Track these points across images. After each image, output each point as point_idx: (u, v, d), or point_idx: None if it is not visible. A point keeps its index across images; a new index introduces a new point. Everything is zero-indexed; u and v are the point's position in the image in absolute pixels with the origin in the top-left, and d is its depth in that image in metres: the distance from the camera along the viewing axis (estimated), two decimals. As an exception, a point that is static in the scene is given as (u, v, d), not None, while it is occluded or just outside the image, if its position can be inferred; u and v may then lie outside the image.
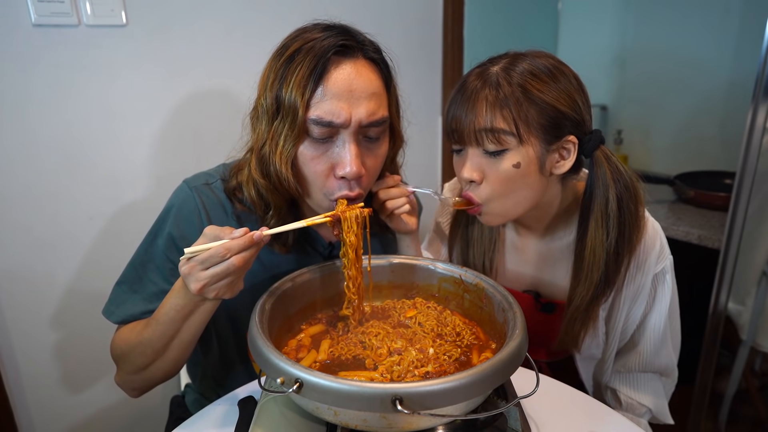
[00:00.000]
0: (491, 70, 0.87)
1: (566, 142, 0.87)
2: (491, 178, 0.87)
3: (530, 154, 0.85)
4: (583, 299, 0.94)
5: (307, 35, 0.80)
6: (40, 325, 1.32)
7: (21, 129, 1.21)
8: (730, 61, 1.98)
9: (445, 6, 1.95)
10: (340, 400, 0.58)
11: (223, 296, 0.73)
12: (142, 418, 1.53)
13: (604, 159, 0.88)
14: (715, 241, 1.54)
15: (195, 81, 1.42)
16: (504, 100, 0.83)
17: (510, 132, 0.83)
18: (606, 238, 0.89)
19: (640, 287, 0.97)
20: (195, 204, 0.89)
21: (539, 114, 0.83)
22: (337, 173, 0.81)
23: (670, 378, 1.09)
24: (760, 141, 1.31)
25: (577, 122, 0.87)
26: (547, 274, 1.05)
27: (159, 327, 0.80)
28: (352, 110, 0.78)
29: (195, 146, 1.45)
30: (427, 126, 2.03)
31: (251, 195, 0.86)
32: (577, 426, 0.82)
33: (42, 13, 1.17)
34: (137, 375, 0.88)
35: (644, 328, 1.02)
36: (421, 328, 0.83)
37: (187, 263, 0.71)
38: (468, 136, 0.86)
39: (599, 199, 0.89)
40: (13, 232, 1.24)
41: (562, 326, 0.99)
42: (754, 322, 1.63)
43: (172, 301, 0.78)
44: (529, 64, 0.85)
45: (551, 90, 0.84)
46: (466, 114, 0.85)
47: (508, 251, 1.09)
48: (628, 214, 0.89)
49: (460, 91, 0.88)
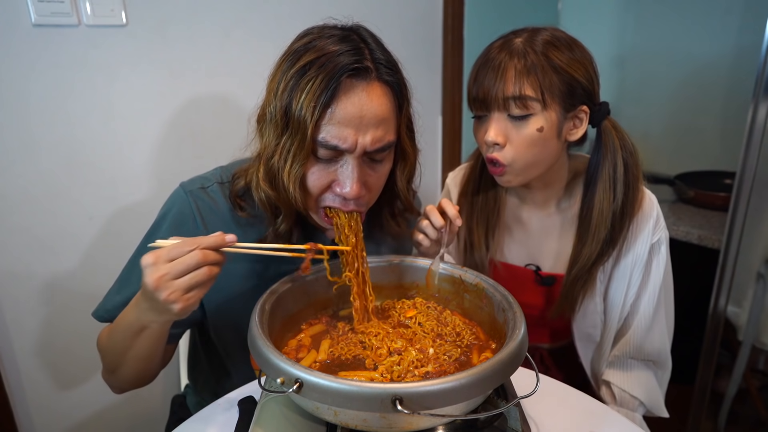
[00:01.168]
0: (515, 41, 0.92)
1: (579, 112, 0.95)
2: (515, 141, 0.93)
3: (552, 119, 0.92)
4: (588, 259, 1.00)
5: (320, 44, 0.77)
6: (41, 325, 1.32)
7: (21, 129, 1.21)
8: (730, 61, 1.98)
9: (445, 6, 1.95)
10: (340, 400, 0.58)
11: (173, 305, 0.67)
12: (142, 418, 1.53)
13: (612, 128, 0.98)
14: (715, 241, 1.54)
15: (195, 81, 1.42)
16: (532, 67, 0.89)
17: (536, 98, 0.90)
18: (613, 199, 0.97)
19: (637, 257, 1.02)
20: (190, 208, 0.89)
21: (560, 82, 0.90)
22: (335, 189, 0.82)
23: (664, 367, 1.11)
24: (760, 141, 1.31)
25: (590, 93, 0.94)
26: (547, 247, 1.10)
27: (115, 336, 0.83)
28: (359, 137, 0.77)
29: (195, 146, 1.45)
30: (427, 126, 2.03)
31: (261, 198, 0.86)
32: (576, 426, 0.82)
33: (42, 13, 1.17)
34: (113, 375, 0.90)
35: (638, 304, 1.06)
36: (421, 328, 0.84)
37: (152, 253, 0.67)
38: (495, 103, 0.92)
39: (608, 164, 0.97)
40: (13, 232, 1.24)
41: (562, 289, 1.05)
42: (753, 322, 1.63)
43: (126, 316, 0.79)
44: (550, 35, 0.93)
45: (569, 59, 0.91)
46: (495, 82, 0.91)
47: (511, 224, 1.13)
48: (632, 178, 0.97)
49: (486, 62, 0.94)
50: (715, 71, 2.02)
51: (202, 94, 1.43)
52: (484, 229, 1.10)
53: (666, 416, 1.10)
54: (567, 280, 1.04)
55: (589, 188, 1.00)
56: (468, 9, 2.00)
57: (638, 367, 1.08)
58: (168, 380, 1.54)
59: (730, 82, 1.99)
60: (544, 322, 1.14)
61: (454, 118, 2.10)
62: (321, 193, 0.83)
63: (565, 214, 1.08)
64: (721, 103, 2.03)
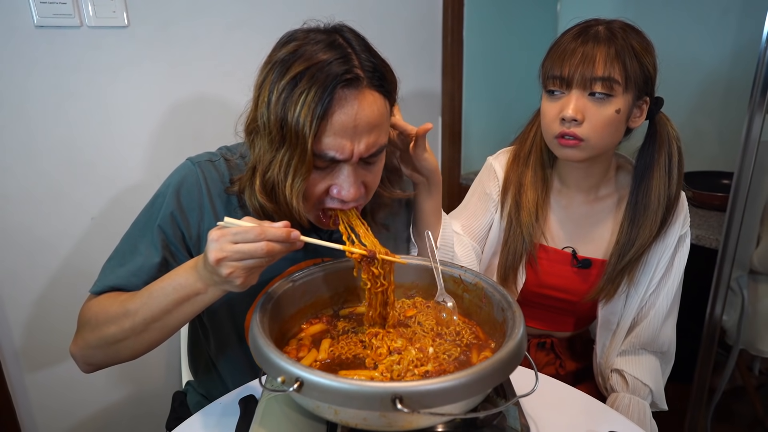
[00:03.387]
0: (598, 28, 0.99)
1: (642, 102, 1.02)
2: (593, 119, 0.98)
3: (628, 102, 0.99)
4: (646, 240, 1.06)
5: (308, 51, 0.76)
6: (42, 324, 1.33)
7: (22, 129, 1.22)
8: (728, 62, 1.98)
9: (445, 6, 1.96)
10: (340, 399, 0.59)
11: (234, 280, 0.69)
12: (144, 416, 1.54)
13: (666, 120, 1.06)
14: (713, 241, 1.55)
15: (196, 82, 1.42)
16: (621, 51, 0.95)
17: (620, 82, 0.96)
18: (669, 184, 1.04)
19: (666, 247, 1.09)
20: (197, 177, 0.89)
21: (639, 67, 0.97)
22: (333, 193, 0.82)
23: (669, 360, 1.16)
24: (757, 141, 1.32)
25: (653, 83, 1.02)
26: (586, 232, 1.15)
27: (149, 300, 0.76)
28: (354, 146, 0.78)
29: (196, 146, 1.43)
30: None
31: (255, 207, 0.86)
32: (576, 425, 0.83)
33: (44, 14, 1.17)
34: (101, 349, 0.83)
35: (658, 294, 1.11)
36: (420, 328, 0.84)
37: (219, 230, 0.68)
38: (579, 82, 0.97)
39: (664, 152, 1.04)
40: (14, 232, 1.25)
41: (608, 272, 1.10)
42: (743, 325, 1.65)
43: (175, 278, 0.75)
44: (623, 23, 1.00)
45: (643, 46, 0.98)
46: (584, 64, 0.96)
47: (554, 207, 1.17)
48: (682, 165, 1.05)
49: (570, 45, 0.99)
50: (713, 72, 2.02)
51: (203, 95, 1.44)
52: (534, 208, 1.14)
53: (665, 409, 1.13)
54: (616, 264, 1.08)
55: (643, 176, 1.05)
56: (468, 9, 2.00)
57: (649, 357, 1.14)
58: (169, 377, 1.55)
59: (728, 82, 1.99)
60: (574, 308, 1.18)
61: (454, 118, 2.10)
62: (320, 196, 0.83)
63: (605, 201, 1.14)
64: (718, 104, 2.03)
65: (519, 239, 1.14)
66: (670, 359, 1.17)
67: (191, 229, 0.89)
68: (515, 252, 1.15)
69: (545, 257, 1.16)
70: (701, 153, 2.09)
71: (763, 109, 1.29)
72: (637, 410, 1.06)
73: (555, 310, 1.20)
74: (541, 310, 1.21)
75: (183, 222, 0.88)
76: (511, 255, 1.15)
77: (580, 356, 1.26)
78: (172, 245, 0.88)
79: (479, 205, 1.21)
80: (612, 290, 1.11)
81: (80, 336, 0.85)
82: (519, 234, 1.14)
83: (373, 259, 0.79)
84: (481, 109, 2.20)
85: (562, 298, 1.16)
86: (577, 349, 1.26)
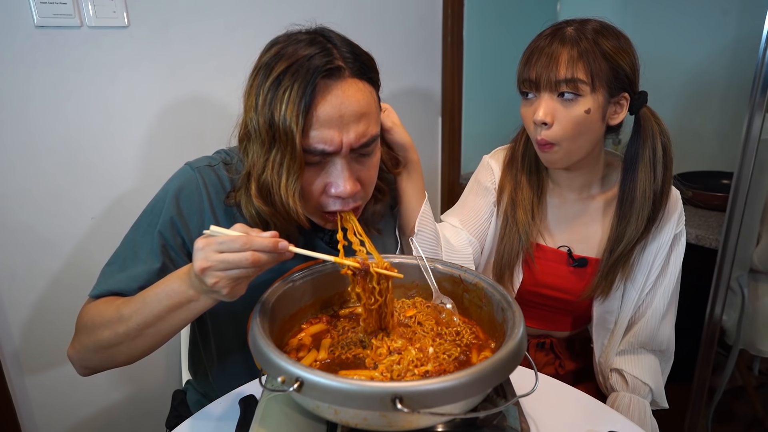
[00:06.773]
0: (567, 29, 0.99)
1: (621, 98, 1.01)
2: (563, 120, 0.98)
3: (599, 101, 0.98)
4: (633, 236, 1.06)
5: (289, 51, 0.78)
6: (43, 324, 1.33)
7: (23, 129, 1.22)
8: (728, 62, 1.98)
9: (445, 6, 1.96)
10: (340, 399, 0.59)
11: (220, 290, 0.68)
12: (144, 416, 1.54)
13: (651, 115, 1.04)
14: (712, 241, 1.55)
15: (196, 82, 1.42)
16: (585, 53, 0.95)
17: (586, 82, 0.96)
18: (654, 179, 1.03)
19: (661, 245, 1.09)
20: (197, 183, 0.89)
21: (608, 68, 0.97)
22: (330, 192, 0.82)
23: (668, 359, 1.17)
24: (757, 140, 1.32)
25: (632, 81, 1.01)
26: (580, 231, 1.15)
27: (143, 306, 0.76)
28: (343, 136, 0.78)
29: (196, 147, 1.45)
30: (427, 126, 2.03)
31: (251, 214, 0.85)
32: (576, 425, 0.83)
33: (44, 14, 1.17)
34: (96, 353, 0.83)
35: (655, 293, 1.12)
36: (420, 328, 0.84)
37: (205, 239, 0.68)
38: (547, 85, 0.98)
39: (648, 148, 1.03)
40: (14, 232, 1.25)
41: (601, 270, 1.10)
42: (743, 325, 1.65)
43: (169, 284, 0.75)
44: (598, 24, 1.00)
45: (616, 48, 0.98)
46: (549, 66, 0.97)
47: (549, 207, 1.17)
48: (669, 160, 1.04)
49: (539, 47, 1.00)
50: (712, 71, 2.02)
51: (203, 95, 1.44)
52: (530, 206, 1.14)
53: (666, 407, 1.13)
54: (608, 260, 1.09)
55: (629, 172, 1.05)
56: (468, 9, 2.00)
57: (648, 356, 1.14)
58: (169, 376, 1.55)
59: (728, 82, 1.99)
60: (571, 307, 1.18)
61: (454, 119, 2.10)
62: (319, 196, 0.83)
63: (597, 200, 1.14)
64: (718, 103, 2.03)
65: (515, 237, 1.14)
66: (669, 358, 1.17)
67: (192, 235, 0.88)
68: (511, 250, 1.15)
69: (542, 256, 1.16)
70: (701, 153, 2.09)
71: (763, 108, 1.29)
72: (638, 409, 1.06)
73: (552, 310, 1.20)
74: (537, 310, 1.22)
75: (183, 227, 0.88)
76: (506, 253, 1.16)
77: (579, 356, 1.26)
78: (172, 251, 0.88)
79: (477, 199, 1.22)
80: (607, 287, 1.11)
81: (77, 339, 0.86)
82: (515, 232, 1.14)
83: (367, 273, 0.77)
84: (480, 109, 2.20)
85: (559, 298, 1.17)
86: (576, 349, 1.27)
